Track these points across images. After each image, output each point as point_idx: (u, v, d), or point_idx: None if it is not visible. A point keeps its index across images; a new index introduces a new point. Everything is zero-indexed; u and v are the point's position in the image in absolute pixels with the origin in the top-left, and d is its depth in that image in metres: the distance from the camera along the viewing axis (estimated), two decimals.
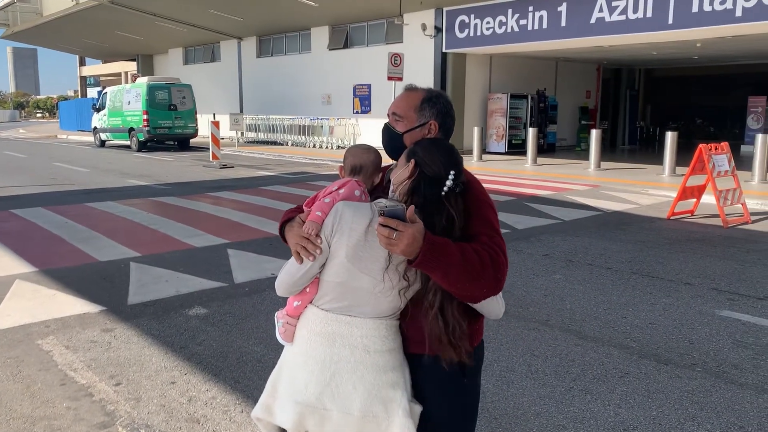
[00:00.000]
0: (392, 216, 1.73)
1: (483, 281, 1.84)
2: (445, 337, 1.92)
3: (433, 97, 2.15)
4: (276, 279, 2.04)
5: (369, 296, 1.92)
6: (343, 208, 1.93)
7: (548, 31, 16.69)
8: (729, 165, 9.38)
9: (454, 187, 1.87)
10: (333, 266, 1.93)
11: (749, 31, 14.13)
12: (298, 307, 2.06)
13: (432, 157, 1.91)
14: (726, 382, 4.01)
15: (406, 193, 1.90)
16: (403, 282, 1.90)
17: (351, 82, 23.22)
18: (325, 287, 1.98)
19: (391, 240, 1.73)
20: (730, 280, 6.25)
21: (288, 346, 2.09)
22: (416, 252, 1.76)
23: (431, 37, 19.62)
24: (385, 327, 1.98)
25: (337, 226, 1.90)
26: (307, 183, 13.77)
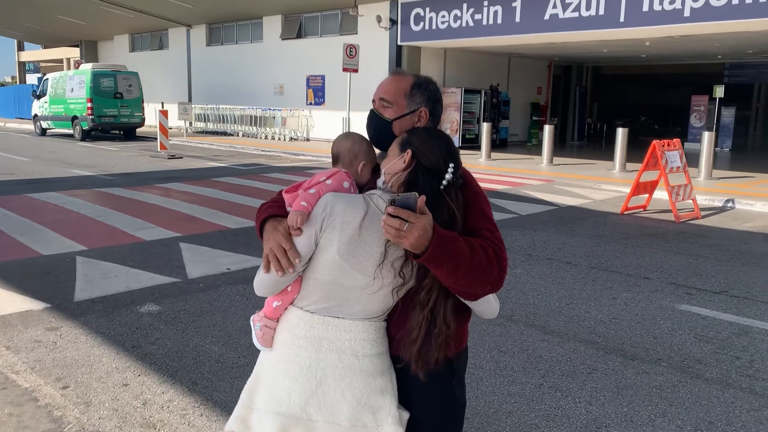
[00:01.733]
0: (404, 206, 1.58)
1: (488, 278, 1.73)
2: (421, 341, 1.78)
3: (423, 82, 2.01)
4: (255, 277, 1.87)
5: (360, 295, 1.78)
6: (333, 199, 1.77)
7: (502, 26, 16.75)
8: (681, 161, 9.57)
9: (453, 181, 1.76)
10: (321, 263, 1.77)
11: (696, 31, 14.48)
12: (278, 309, 1.89)
13: (429, 148, 1.79)
14: (692, 377, 4.02)
15: (402, 185, 1.77)
16: (398, 279, 1.76)
17: (304, 73, 22.89)
18: (311, 286, 1.82)
19: (401, 232, 1.58)
20: (686, 275, 6.33)
21: (266, 351, 1.92)
22: (425, 246, 1.63)
23: (386, 29, 19.48)
24: (374, 329, 1.84)
25: (327, 219, 1.74)
26: (260, 175, 13.46)
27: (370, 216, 1.74)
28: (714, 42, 16.63)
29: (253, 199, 10.16)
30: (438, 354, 1.78)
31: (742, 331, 4.83)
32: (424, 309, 1.77)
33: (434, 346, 1.77)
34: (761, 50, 18.86)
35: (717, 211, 10.11)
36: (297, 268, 1.78)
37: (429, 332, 1.77)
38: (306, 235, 1.77)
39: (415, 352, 1.77)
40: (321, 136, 22.53)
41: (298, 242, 1.77)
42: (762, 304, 5.44)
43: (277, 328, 1.90)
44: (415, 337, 1.77)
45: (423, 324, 1.77)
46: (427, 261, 1.65)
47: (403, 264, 1.74)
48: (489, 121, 19.52)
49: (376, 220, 1.73)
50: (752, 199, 10.43)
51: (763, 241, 7.92)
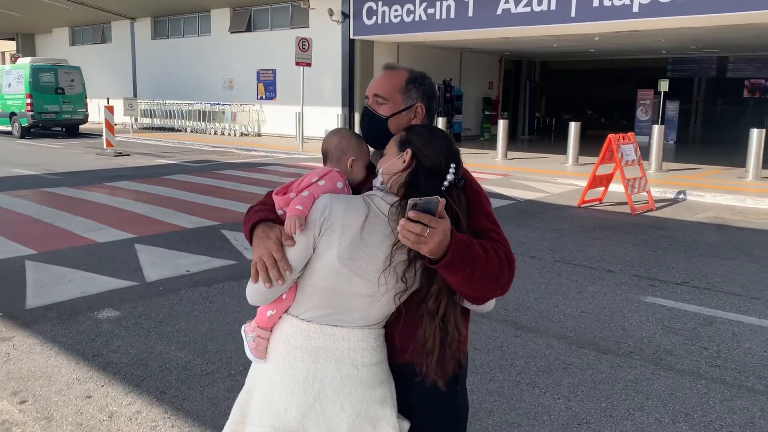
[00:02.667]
0: (425, 210, 1.49)
1: (500, 281, 1.67)
2: (438, 351, 1.71)
3: (418, 77, 1.93)
4: (247, 285, 1.75)
5: (360, 302, 1.70)
6: (332, 201, 1.68)
7: (455, 20, 16.78)
8: (635, 154, 9.75)
9: (456, 182, 1.69)
10: (320, 269, 1.67)
11: (644, 27, 14.82)
12: (272, 318, 1.78)
13: (430, 146, 1.71)
14: (664, 369, 4.06)
15: (402, 186, 1.69)
16: (401, 285, 1.68)
17: (255, 67, 22.48)
18: (308, 293, 1.72)
19: (422, 237, 1.49)
20: (647, 267, 6.44)
21: (259, 363, 1.81)
22: (443, 251, 1.55)
23: (338, 22, 19.28)
24: (374, 337, 1.76)
25: (326, 222, 1.65)
26: (213, 172, 13.13)
27: (371, 218, 1.66)
28: (660, 37, 17.05)
29: (208, 198, 9.89)
30: (453, 361, 1.74)
31: (706, 321, 4.92)
32: (435, 318, 1.70)
33: (449, 354, 1.72)
34: (704, 45, 19.45)
35: (670, 202, 10.35)
36: (289, 278, 1.67)
37: (443, 341, 1.71)
38: (303, 239, 1.66)
39: (434, 364, 1.71)
40: (273, 131, 22.20)
41: (295, 247, 1.67)
42: (722, 294, 5.56)
43: (271, 338, 1.79)
44: (431, 347, 1.70)
45: (437, 333, 1.70)
46: (444, 267, 1.57)
47: (406, 268, 1.66)
48: (443, 115, 19.58)
49: (378, 222, 1.66)
50: (702, 191, 10.73)
51: (716, 232, 8.13)
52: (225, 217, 8.39)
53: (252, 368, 1.86)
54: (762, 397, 3.71)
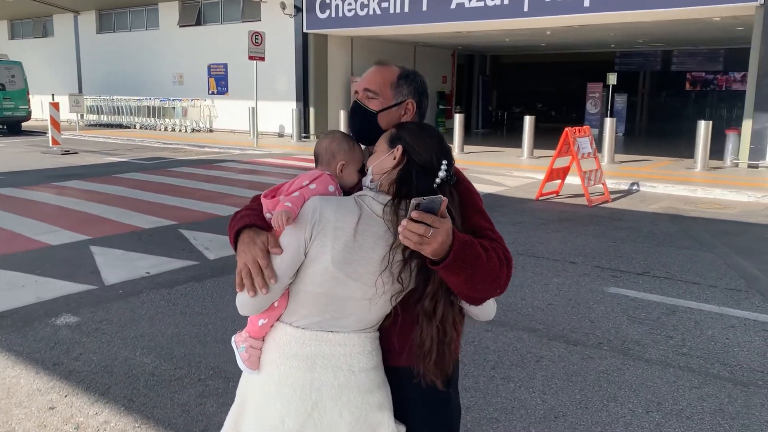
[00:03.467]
0: (428, 210, 1.44)
1: (499, 281, 1.65)
2: (436, 352, 1.68)
3: (410, 73, 1.90)
4: (237, 296, 1.68)
5: (356, 306, 1.65)
6: (322, 203, 1.62)
7: (409, 15, 16.78)
8: (591, 147, 9.93)
9: (447, 179, 1.65)
10: (313, 274, 1.61)
11: (594, 21, 15.11)
12: (265, 327, 1.71)
13: (422, 143, 1.68)
14: (633, 359, 4.13)
15: (393, 183, 1.65)
16: (397, 286, 1.64)
17: (205, 62, 22.03)
18: (301, 300, 1.66)
19: (425, 238, 1.44)
20: (608, 258, 6.55)
21: (251, 374, 1.74)
22: (445, 252, 1.51)
23: (291, 16, 19.05)
24: (369, 341, 1.72)
25: (318, 226, 1.59)
26: (167, 169, 12.81)
27: (364, 219, 1.61)
28: (609, 31, 17.42)
29: (164, 196, 9.63)
30: (451, 361, 1.72)
31: (669, 310, 5.03)
32: (432, 318, 1.66)
33: (448, 355, 1.69)
34: (651, 39, 19.96)
35: (624, 194, 10.59)
36: (280, 285, 1.61)
37: (441, 341, 1.67)
38: (293, 244, 1.60)
39: (431, 365, 1.68)
40: (225, 126, 21.82)
41: (285, 253, 1.60)
42: (682, 283, 5.70)
43: (264, 347, 1.73)
44: (428, 349, 1.67)
45: (434, 334, 1.66)
46: (446, 268, 1.53)
47: (402, 269, 1.61)
48: None
49: (372, 223, 1.61)
50: (654, 182, 11.01)
51: (670, 222, 8.34)
52: (183, 217, 8.19)
53: (243, 380, 1.79)
54: (728, 383, 3.81)
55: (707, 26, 15.65)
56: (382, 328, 1.76)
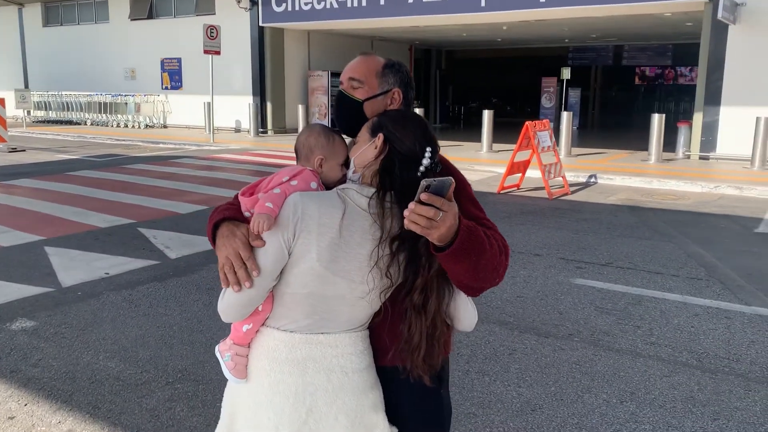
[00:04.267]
0: (437, 192, 1.37)
1: (499, 270, 1.61)
2: (425, 346, 1.62)
3: (396, 63, 1.87)
4: (219, 301, 1.59)
5: (345, 305, 1.58)
6: (304, 199, 1.55)
7: (367, 8, 16.70)
8: (550, 141, 10.04)
9: (432, 167, 1.58)
10: (299, 274, 1.54)
11: (550, 16, 15.30)
12: (250, 333, 1.63)
13: (404, 130, 1.61)
14: (604, 350, 4.18)
15: (376, 174, 1.59)
16: (386, 281, 1.57)
17: (158, 56, 21.52)
18: (288, 302, 1.58)
19: (434, 222, 1.38)
20: (571, 249, 6.63)
21: (238, 383, 1.66)
22: (451, 237, 1.45)
23: (246, 9, 18.73)
24: (360, 340, 1.66)
25: (300, 223, 1.52)
26: (121, 167, 12.45)
27: (349, 214, 1.55)
28: (564, 26, 17.67)
29: (120, 194, 9.35)
30: (441, 357, 1.67)
31: (635, 300, 5.11)
32: (422, 313, 1.60)
33: (437, 349, 1.64)
34: (604, 34, 20.33)
35: (583, 186, 10.75)
36: (264, 285, 1.53)
37: (431, 335, 1.62)
38: (275, 243, 1.52)
39: (420, 361, 1.62)
40: (180, 122, 21.37)
41: (267, 253, 1.52)
42: (645, 273, 5.80)
43: (250, 354, 1.64)
44: (417, 343, 1.61)
45: (424, 329, 1.61)
46: (452, 254, 1.47)
47: (390, 263, 1.55)
48: None
49: (357, 218, 1.55)
50: (611, 174, 11.21)
51: (629, 213, 8.50)
52: (141, 215, 7.96)
53: (230, 391, 1.70)
54: (697, 371, 3.87)
55: (658, 21, 16.02)
56: (372, 326, 1.71)
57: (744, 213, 8.49)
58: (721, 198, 9.63)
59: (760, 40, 12.17)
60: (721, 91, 12.68)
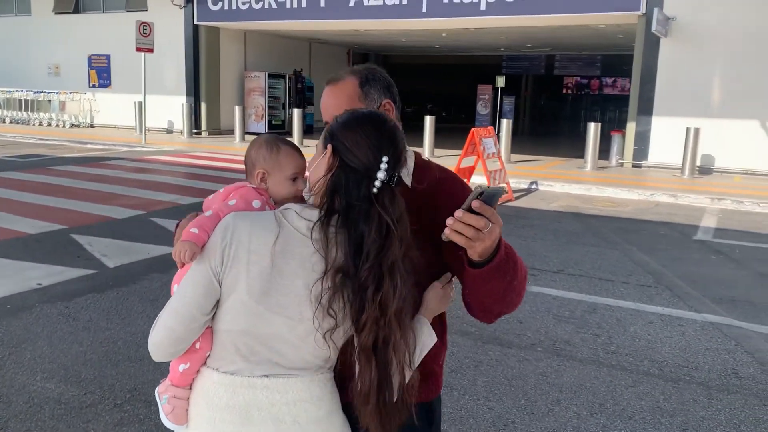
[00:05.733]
0: (488, 201, 1.24)
1: (522, 294, 1.50)
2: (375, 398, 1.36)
3: (368, 75, 1.66)
4: (149, 336, 1.41)
5: (286, 345, 1.36)
6: (236, 221, 1.35)
7: (307, 10, 16.47)
8: (495, 147, 10.11)
9: (388, 181, 1.31)
10: (229, 309, 1.35)
11: (490, 24, 15.49)
12: (188, 373, 1.44)
13: (354, 137, 1.34)
14: (568, 360, 4.15)
15: (325, 194, 1.34)
16: (329, 320, 1.32)
17: (85, 52, 20.58)
18: (223, 340, 1.38)
19: (481, 234, 1.25)
20: (522, 256, 6.56)
21: (177, 429, 1.48)
22: (492, 252, 1.33)
23: (181, 7, 18.15)
24: (317, 385, 1.42)
25: (229, 249, 1.32)
26: (47, 168, 11.74)
27: (283, 239, 1.33)
28: (502, 35, 17.96)
29: (50, 198, 8.79)
30: (401, 410, 1.40)
31: (590, 308, 5.14)
32: (370, 355, 1.35)
33: (390, 401, 1.38)
34: (539, 44, 20.81)
35: (525, 192, 10.88)
36: (199, 319, 1.35)
37: (381, 384, 1.36)
38: (203, 273, 1.34)
39: (368, 415, 1.37)
40: (108, 121, 20.47)
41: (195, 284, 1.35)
42: (597, 281, 5.86)
43: (190, 397, 1.46)
44: (366, 391, 1.36)
45: (372, 374, 1.35)
46: (489, 271, 1.35)
47: (332, 297, 1.31)
48: (295, 106, 19.20)
49: (295, 244, 1.33)
50: (551, 181, 11.41)
51: (574, 220, 8.64)
52: (74, 220, 7.48)
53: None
54: (659, 380, 3.90)
55: (592, 32, 16.50)
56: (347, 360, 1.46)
57: (681, 220, 8.78)
58: (658, 205, 9.94)
59: (689, 53, 12.69)
60: (653, 102, 13.15)
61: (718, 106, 12.69)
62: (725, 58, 12.50)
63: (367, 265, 1.29)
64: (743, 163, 12.60)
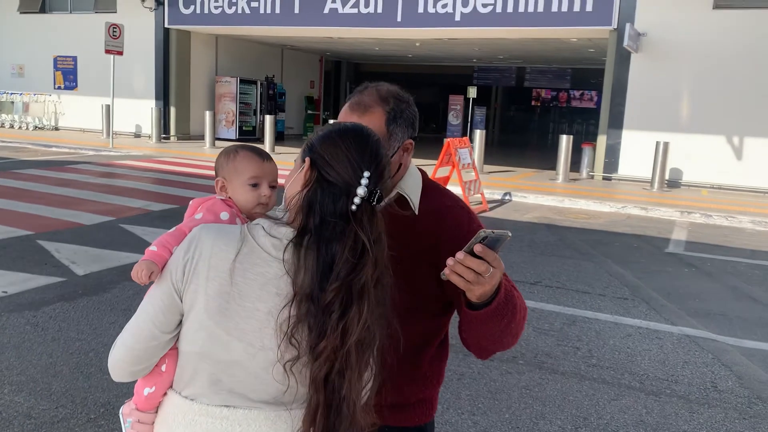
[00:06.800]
0: (491, 246, 1.20)
1: (519, 334, 1.47)
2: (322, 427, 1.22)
3: (397, 107, 1.55)
4: (109, 354, 1.33)
5: (246, 374, 1.23)
6: (201, 234, 1.26)
7: (281, 16, 16.38)
8: (470, 158, 10.14)
9: (367, 198, 1.21)
10: (189, 328, 1.25)
11: (464, 35, 15.61)
12: (153, 397, 1.36)
13: (335, 150, 1.23)
14: (550, 373, 4.14)
15: (300, 210, 1.22)
16: (291, 349, 1.19)
17: (51, 53, 20.13)
18: (182, 361, 1.29)
19: (482, 278, 1.21)
20: None
21: None
22: (491, 295, 1.30)
23: (151, 9, 17.88)
24: (284, 421, 1.27)
25: (191, 264, 1.23)
26: (11, 171, 11.40)
27: (245, 256, 1.22)
28: (475, 46, 18.10)
29: (13, 202, 8.51)
30: None
31: (569, 320, 5.14)
32: (320, 385, 1.21)
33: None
34: (511, 56, 21.01)
35: (499, 203, 10.93)
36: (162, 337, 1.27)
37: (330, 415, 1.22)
38: (164, 288, 1.25)
39: None
40: (74, 124, 20.04)
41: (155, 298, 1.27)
42: (574, 293, 5.88)
43: (156, 421, 1.37)
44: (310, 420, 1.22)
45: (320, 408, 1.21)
46: (487, 315, 1.32)
47: (295, 327, 1.18)
48: (267, 113, 19.04)
49: (258, 262, 1.22)
50: (524, 192, 11.48)
51: (548, 232, 8.69)
52: (39, 225, 7.25)
53: None
54: (641, 393, 3.90)
55: (563, 46, 16.73)
56: None
57: (652, 233, 8.90)
58: (629, 218, 10.07)
59: (659, 69, 12.93)
60: (624, 116, 13.36)
61: (687, 120, 12.95)
62: (693, 74, 12.77)
63: (334, 285, 1.17)
64: (710, 178, 12.87)
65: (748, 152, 12.60)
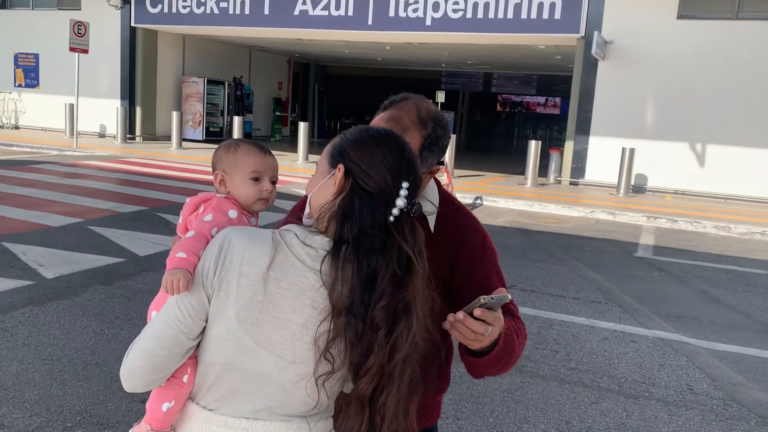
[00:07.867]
0: (492, 308, 1.24)
1: (516, 362, 1.51)
2: None
3: (434, 133, 1.52)
4: (123, 362, 1.27)
5: (273, 386, 1.20)
6: (231, 237, 1.19)
7: (250, 17, 16.22)
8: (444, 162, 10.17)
9: (409, 208, 1.17)
10: (215, 338, 1.19)
11: (433, 40, 15.68)
12: (172, 413, 1.30)
13: (371, 158, 1.19)
14: (530, 377, 4.16)
15: (333, 218, 1.18)
16: (325, 365, 1.17)
17: (11, 50, 19.57)
18: (204, 371, 1.25)
19: (480, 337, 1.24)
20: None
21: None
22: (491, 343, 1.33)
23: (117, 7, 17.53)
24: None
25: (222, 270, 1.17)
26: None
27: (279, 265, 1.17)
28: (444, 51, 18.19)
29: None
30: None
31: (546, 324, 5.19)
32: (365, 403, 1.21)
33: None
34: (479, 61, 21.19)
35: (470, 207, 10.94)
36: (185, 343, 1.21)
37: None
38: (193, 295, 1.20)
39: None
40: (35, 123, 19.51)
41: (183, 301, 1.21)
42: (548, 296, 5.94)
43: None
44: None
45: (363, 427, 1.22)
46: (488, 360, 1.37)
47: (331, 341, 1.15)
48: (234, 114, 18.84)
49: (293, 272, 1.17)
50: (495, 197, 11.58)
51: (520, 236, 8.77)
52: (4, 227, 7.04)
53: None
54: (620, 397, 3.95)
55: (531, 52, 16.93)
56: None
57: (620, 237, 9.05)
58: (597, 222, 10.23)
59: (625, 76, 13.19)
60: (591, 122, 13.58)
61: (652, 127, 13.23)
62: (658, 82, 13.06)
63: (382, 302, 1.13)
64: (674, 183, 13.17)
65: (710, 159, 12.93)
